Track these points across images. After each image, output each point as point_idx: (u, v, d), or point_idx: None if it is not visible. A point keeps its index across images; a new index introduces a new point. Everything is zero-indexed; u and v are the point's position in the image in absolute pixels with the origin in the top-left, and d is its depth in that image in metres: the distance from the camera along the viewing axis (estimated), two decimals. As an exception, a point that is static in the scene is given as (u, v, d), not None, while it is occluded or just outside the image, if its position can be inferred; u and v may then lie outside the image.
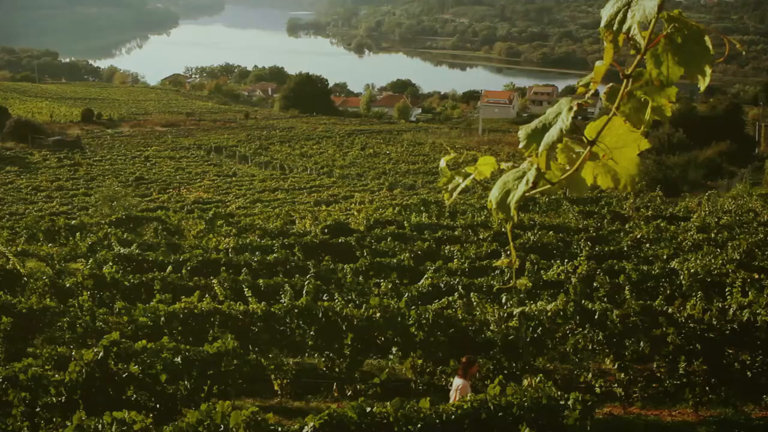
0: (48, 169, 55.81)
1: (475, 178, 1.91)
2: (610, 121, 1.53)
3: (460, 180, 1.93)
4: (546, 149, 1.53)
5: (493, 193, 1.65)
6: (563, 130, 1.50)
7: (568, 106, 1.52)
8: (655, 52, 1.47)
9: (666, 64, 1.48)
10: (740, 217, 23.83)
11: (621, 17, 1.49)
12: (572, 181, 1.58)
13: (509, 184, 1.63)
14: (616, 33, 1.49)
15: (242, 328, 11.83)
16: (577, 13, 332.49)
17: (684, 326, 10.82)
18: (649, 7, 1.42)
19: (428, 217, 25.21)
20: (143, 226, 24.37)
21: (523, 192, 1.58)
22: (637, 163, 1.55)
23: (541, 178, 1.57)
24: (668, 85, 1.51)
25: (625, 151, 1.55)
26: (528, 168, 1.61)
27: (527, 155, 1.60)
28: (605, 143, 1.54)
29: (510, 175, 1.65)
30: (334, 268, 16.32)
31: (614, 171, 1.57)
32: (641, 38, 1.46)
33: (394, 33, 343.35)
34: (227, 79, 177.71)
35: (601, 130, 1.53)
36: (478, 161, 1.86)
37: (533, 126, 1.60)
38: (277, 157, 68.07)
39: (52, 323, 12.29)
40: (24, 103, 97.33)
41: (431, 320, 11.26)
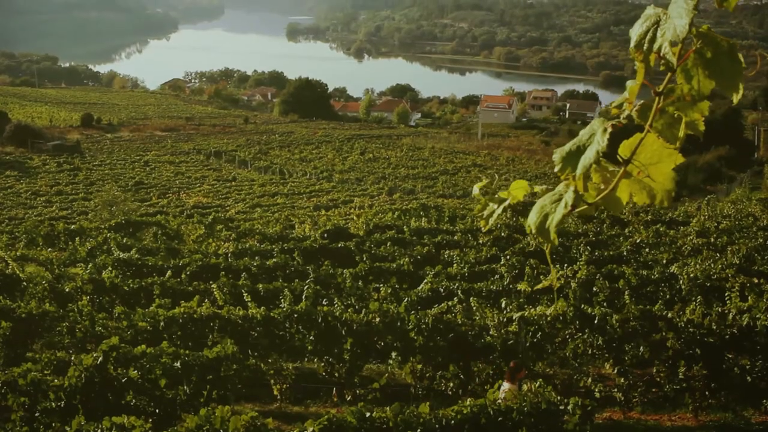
0: (47, 174, 55.77)
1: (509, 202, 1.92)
2: (644, 138, 1.53)
3: (494, 206, 1.93)
4: (583, 172, 1.53)
5: (531, 218, 1.65)
6: (599, 152, 1.50)
7: (602, 128, 1.53)
8: (685, 68, 1.48)
9: (697, 79, 1.48)
10: (739, 221, 23.84)
11: (651, 36, 1.49)
12: (608, 200, 1.59)
13: (547, 208, 1.63)
14: (646, 53, 1.49)
15: (242, 333, 11.82)
16: (576, 17, 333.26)
17: (683, 331, 10.82)
18: (680, 25, 1.42)
19: (428, 222, 25.22)
20: (143, 231, 24.36)
21: (562, 215, 1.58)
22: (672, 177, 1.55)
23: (579, 201, 1.58)
24: (700, 99, 1.52)
25: (661, 167, 1.55)
26: (564, 191, 1.61)
27: (563, 178, 1.60)
28: (640, 160, 1.54)
29: (546, 198, 1.65)
30: (334, 273, 16.31)
31: (650, 187, 1.57)
32: (673, 56, 1.46)
33: (394, 38, 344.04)
34: (227, 83, 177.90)
35: (636, 148, 1.54)
36: (511, 186, 1.87)
37: (567, 149, 1.60)
38: (277, 162, 68.06)
39: (51, 328, 12.29)
40: (23, 107, 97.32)
41: (431, 325, 11.25)
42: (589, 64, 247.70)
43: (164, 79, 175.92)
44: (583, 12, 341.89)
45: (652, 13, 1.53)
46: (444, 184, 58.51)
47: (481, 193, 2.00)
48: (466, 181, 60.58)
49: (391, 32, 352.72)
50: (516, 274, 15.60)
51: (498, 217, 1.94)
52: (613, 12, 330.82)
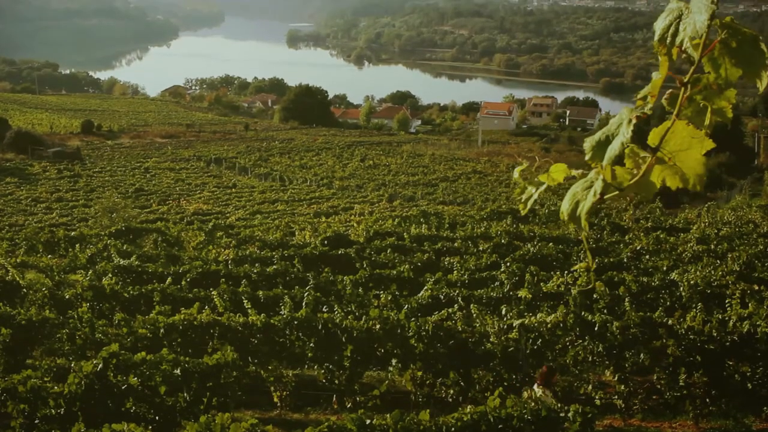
0: (48, 181, 55.81)
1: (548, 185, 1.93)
2: (673, 126, 1.55)
3: (533, 190, 1.95)
4: (609, 162, 1.56)
5: (564, 205, 1.68)
6: (624, 144, 1.52)
7: (628, 119, 1.55)
8: (712, 56, 1.50)
9: (724, 67, 1.51)
10: (740, 228, 23.84)
11: (673, 30, 1.52)
12: (641, 185, 1.61)
13: (578, 195, 1.66)
14: (669, 46, 1.52)
15: (242, 340, 11.81)
16: (576, 24, 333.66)
17: (684, 338, 10.81)
18: (700, 20, 1.45)
19: (428, 229, 25.23)
20: (143, 238, 24.36)
21: (592, 203, 1.60)
22: (703, 162, 1.58)
23: (609, 188, 1.60)
24: (727, 87, 1.54)
25: (691, 153, 1.57)
26: (595, 178, 1.63)
27: (594, 166, 1.63)
28: (669, 147, 1.57)
29: (578, 185, 1.68)
30: (334, 280, 16.31)
31: (682, 172, 1.59)
32: (694, 50, 1.48)
33: (394, 45, 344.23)
34: (227, 90, 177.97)
35: (664, 136, 1.56)
36: (551, 169, 1.89)
37: (597, 138, 1.63)
38: (277, 169, 68.09)
39: (51, 335, 12.28)
40: (24, 114, 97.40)
41: (431, 332, 11.25)
42: (589, 71, 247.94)
43: (164, 85, 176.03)
44: (583, 19, 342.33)
45: (675, 7, 1.56)
46: (444, 191, 58.52)
47: (521, 177, 2.01)
48: (466, 188, 60.61)
49: (391, 39, 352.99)
50: (516, 281, 15.59)
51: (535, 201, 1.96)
52: (613, 19, 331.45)
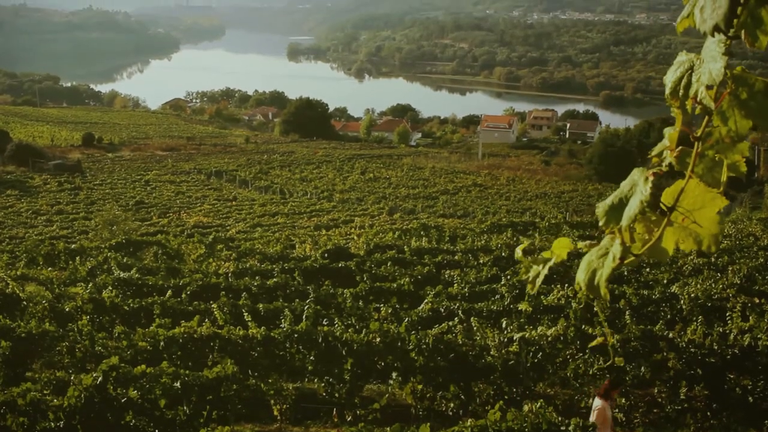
0: (48, 193, 55.82)
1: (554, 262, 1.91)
2: (687, 185, 1.53)
3: (539, 268, 1.93)
4: (629, 224, 1.53)
5: (579, 275, 1.65)
6: (644, 202, 1.50)
7: (644, 177, 1.53)
8: (720, 110, 1.48)
9: (733, 119, 1.48)
10: (740, 241, 23.83)
11: (686, 82, 1.50)
12: (654, 249, 1.58)
13: (594, 264, 1.63)
14: (683, 99, 1.50)
15: (242, 353, 11.79)
16: (576, 38, 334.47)
17: (685, 351, 10.80)
18: (716, 69, 1.43)
19: (428, 242, 25.21)
20: (143, 251, 24.37)
21: (611, 270, 1.58)
22: (718, 221, 1.55)
23: (626, 254, 1.58)
24: (739, 140, 1.52)
25: (705, 212, 1.54)
26: (610, 244, 1.61)
27: (607, 232, 1.60)
28: (683, 207, 1.54)
29: (593, 254, 1.65)
30: (334, 293, 16.30)
31: (695, 233, 1.57)
32: (710, 100, 1.47)
33: (394, 58, 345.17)
34: (228, 103, 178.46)
35: (678, 196, 1.54)
36: (553, 245, 1.87)
37: (609, 202, 1.60)
38: (277, 182, 68.13)
39: (51, 347, 12.27)
40: (25, 127, 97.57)
41: (431, 345, 11.23)
42: (589, 84, 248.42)
43: (165, 98, 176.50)
44: (582, 32, 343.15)
45: (685, 59, 1.54)
46: (444, 203, 58.53)
47: (524, 254, 2.00)
48: (466, 201, 60.62)
49: (391, 52, 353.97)
50: (516, 294, 15.58)
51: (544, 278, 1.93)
52: (613, 32, 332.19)
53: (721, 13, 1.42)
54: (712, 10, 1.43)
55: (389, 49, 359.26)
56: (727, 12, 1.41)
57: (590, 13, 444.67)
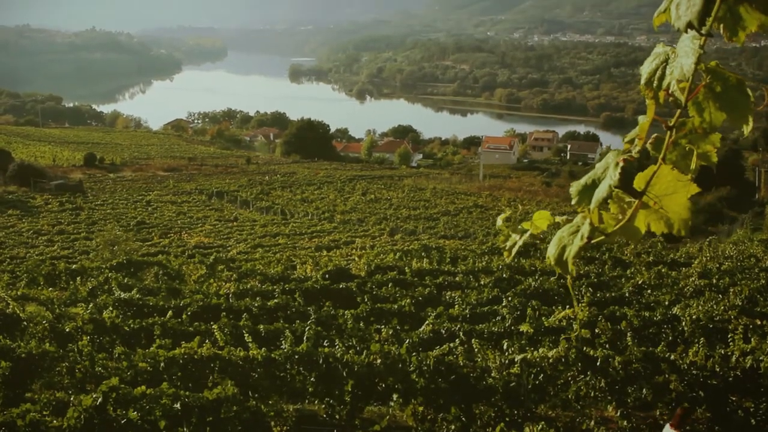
0: (50, 213, 55.84)
1: (531, 233, 1.93)
2: (659, 171, 1.56)
3: (517, 237, 1.95)
4: (597, 206, 1.56)
5: (550, 250, 1.69)
6: (612, 187, 1.54)
7: (615, 162, 1.57)
8: (696, 101, 1.52)
9: (708, 111, 1.53)
10: (741, 262, 23.80)
11: (660, 74, 1.54)
12: (626, 230, 1.62)
13: (564, 240, 1.67)
14: (656, 90, 1.54)
15: (242, 374, 11.76)
16: (576, 59, 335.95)
17: (686, 373, 10.77)
18: (687, 64, 1.47)
19: (429, 263, 25.19)
20: (144, 271, 24.35)
21: (579, 247, 1.61)
22: (688, 207, 1.59)
23: (595, 233, 1.60)
24: (712, 131, 1.56)
25: (676, 197, 1.59)
26: (581, 223, 1.64)
27: (579, 210, 1.63)
28: (655, 192, 1.58)
29: (565, 230, 1.69)
30: (335, 314, 16.26)
31: (667, 217, 1.60)
32: (681, 94, 1.50)
33: (396, 79, 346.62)
34: (229, 124, 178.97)
35: (650, 180, 1.57)
36: (534, 216, 1.89)
37: (583, 182, 1.64)
38: (279, 203, 68.18)
39: (51, 368, 12.23)
40: (27, 147, 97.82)
41: (432, 367, 11.20)
42: (590, 106, 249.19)
43: (167, 119, 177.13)
44: (583, 54, 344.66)
45: (661, 51, 1.58)
46: (445, 225, 58.51)
47: (505, 224, 2.01)
48: (467, 222, 60.62)
49: (392, 74, 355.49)
50: (518, 315, 15.55)
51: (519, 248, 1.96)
52: (613, 54, 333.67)
53: (695, 11, 1.45)
54: (686, 7, 1.47)
55: (390, 71, 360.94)
56: (700, 10, 1.45)
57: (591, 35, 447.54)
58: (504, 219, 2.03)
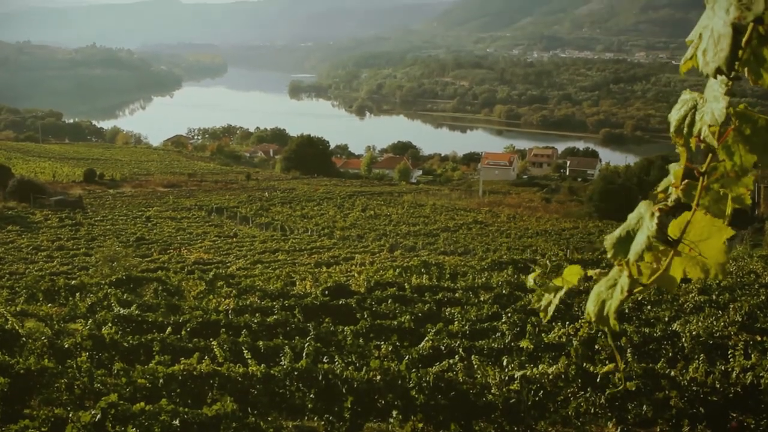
0: (49, 229, 55.84)
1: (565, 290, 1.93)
2: (693, 216, 1.57)
3: (551, 295, 1.95)
4: (636, 258, 1.57)
5: (589, 307, 1.69)
6: (650, 238, 1.54)
7: (650, 212, 1.57)
8: (726, 145, 1.53)
9: (738, 154, 1.53)
10: (741, 278, 23.79)
11: (689, 120, 1.54)
12: (663, 279, 1.62)
13: (603, 295, 1.67)
14: (687, 137, 1.55)
15: (241, 391, 11.73)
16: (575, 76, 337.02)
17: (687, 389, 10.74)
18: (718, 109, 1.48)
19: (429, 279, 25.18)
20: (143, 287, 24.32)
21: (620, 301, 1.61)
22: (724, 251, 1.59)
23: (634, 286, 1.61)
24: (744, 174, 1.56)
25: (711, 242, 1.59)
26: (618, 276, 1.64)
27: (616, 263, 1.64)
28: (690, 238, 1.58)
29: (602, 285, 1.69)
30: (335, 330, 16.24)
31: (702, 262, 1.60)
32: (713, 139, 1.51)
33: (395, 95, 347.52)
34: (229, 140, 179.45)
35: (685, 228, 1.57)
36: (564, 272, 1.89)
37: (617, 234, 1.65)
38: (278, 219, 68.21)
39: (49, 384, 12.19)
40: (27, 162, 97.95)
41: (432, 383, 11.18)
42: (589, 122, 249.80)
43: (167, 135, 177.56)
44: (582, 71, 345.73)
45: (688, 98, 1.59)
46: (445, 241, 58.51)
47: (536, 283, 2.01)
48: (467, 238, 60.61)
49: (392, 90, 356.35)
50: (517, 331, 15.53)
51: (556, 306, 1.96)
52: (612, 71, 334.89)
53: (723, 56, 1.45)
54: (714, 53, 1.47)
55: (390, 87, 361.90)
56: (728, 55, 1.45)
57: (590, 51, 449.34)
58: (535, 278, 2.04)
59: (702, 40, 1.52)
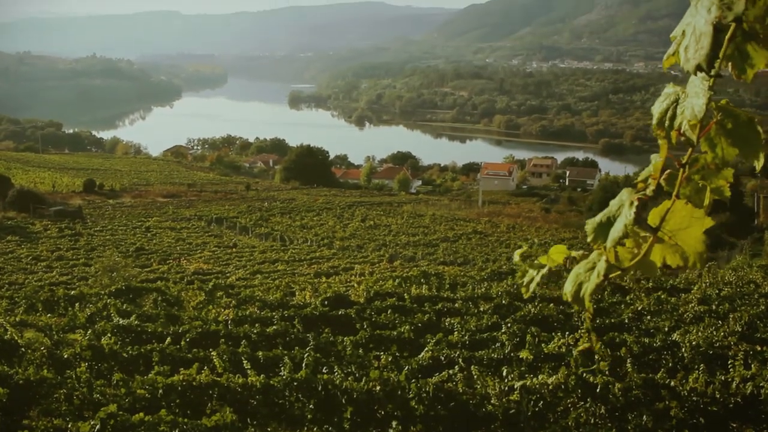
0: (49, 239, 55.84)
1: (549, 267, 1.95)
2: (673, 206, 1.59)
3: (534, 272, 1.97)
4: (613, 244, 1.59)
5: (566, 287, 1.72)
6: (627, 225, 1.56)
7: (630, 201, 1.60)
8: (708, 137, 1.55)
9: (720, 147, 1.56)
10: (741, 288, 23.76)
11: (671, 114, 1.57)
12: (642, 264, 1.64)
13: (581, 277, 1.69)
14: (668, 130, 1.57)
15: (241, 401, 11.71)
16: (575, 86, 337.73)
17: (687, 399, 10.73)
18: (698, 104, 1.50)
19: (428, 289, 25.15)
20: (143, 297, 24.29)
21: (596, 284, 1.63)
22: (703, 240, 1.62)
23: (611, 270, 1.63)
24: (724, 166, 1.58)
25: (690, 231, 1.62)
26: (597, 260, 1.66)
27: (595, 247, 1.66)
28: (670, 227, 1.60)
29: (581, 267, 1.71)
30: (334, 341, 16.21)
31: (682, 250, 1.62)
32: (693, 133, 1.53)
33: (395, 106, 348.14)
34: (229, 150, 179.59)
35: (665, 216, 1.59)
36: (550, 251, 1.92)
37: (598, 220, 1.68)
38: (278, 229, 68.21)
39: (48, 395, 12.17)
40: (27, 173, 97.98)
41: (431, 394, 11.16)
42: (589, 132, 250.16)
43: (167, 145, 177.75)
44: (581, 81, 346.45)
45: (671, 91, 1.61)
46: (445, 251, 58.51)
47: (522, 259, 2.03)
48: (466, 248, 60.59)
49: (392, 100, 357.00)
50: (517, 342, 15.51)
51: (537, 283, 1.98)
52: (612, 81, 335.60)
53: (704, 54, 1.48)
54: (695, 50, 1.50)
55: (390, 97, 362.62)
56: (708, 53, 1.48)
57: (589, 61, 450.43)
58: (521, 254, 2.05)
59: (685, 37, 1.55)
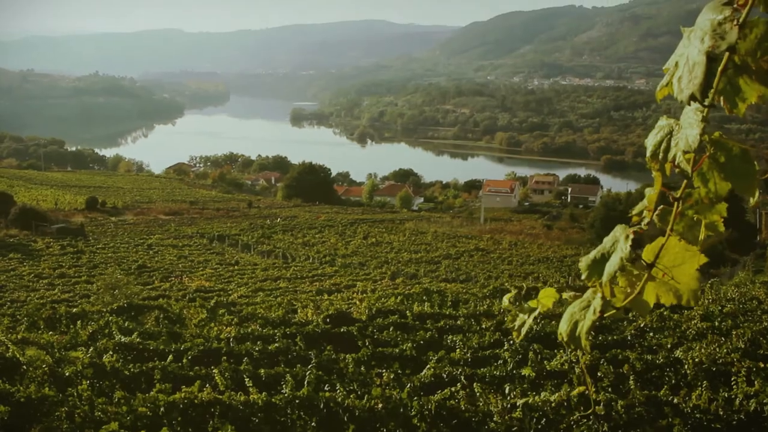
0: (51, 257, 55.85)
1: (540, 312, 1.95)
2: (667, 242, 1.59)
3: (525, 317, 1.97)
4: (609, 279, 1.59)
5: (561, 326, 1.71)
6: (623, 259, 1.56)
7: (625, 235, 1.59)
8: (701, 171, 1.54)
9: (713, 182, 1.56)
10: (744, 304, 23.71)
11: (665, 146, 1.57)
12: (636, 303, 1.64)
13: (576, 315, 1.69)
14: (662, 162, 1.57)
15: (242, 419, 11.68)
16: (576, 103, 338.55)
17: (690, 417, 10.69)
18: (692, 135, 1.50)
19: (430, 307, 25.12)
20: (145, 315, 24.27)
21: (592, 321, 1.63)
22: (697, 277, 1.62)
23: (607, 307, 1.63)
24: (718, 201, 1.58)
25: (684, 268, 1.61)
26: (592, 297, 1.66)
27: (590, 285, 1.66)
28: (663, 263, 1.60)
29: (575, 305, 1.71)
30: (336, 358, 16.18)
31: (675, 288, 1.62)
32: (687, 165, 1.53)
33: (397, 123, 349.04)
34: (231, 168, 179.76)
35: (659, 253, 1.59)
36: (540, 294, 1.92)
37: (592, 256, 1.67)
38: (280, 246, 68.21)
39: (50, 413, 12.15)
40: (29, 190, 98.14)
41: (434, 411, 11.13)
42: (590, 149, 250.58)
43: (169, 163, 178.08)
44: (583, 98, 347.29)
45: (665, 124, 1.62)
46: (447, 268, 58.44)
47: (511, 303, 2.03)
48: (468, 266, 60.55)
49: (393, 118, 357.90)
50: (519, 359, 15.48)
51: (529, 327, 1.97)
52: (613, 98, 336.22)
53: (697, 84, 1.48)
54: (688, 80, 1.50)
55: (391, 115, 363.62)
56: (702, 83, 1.48)
57: (590, 78, 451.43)
58: (510, 299, 2.06)
59: (678, 68, 1.55)
